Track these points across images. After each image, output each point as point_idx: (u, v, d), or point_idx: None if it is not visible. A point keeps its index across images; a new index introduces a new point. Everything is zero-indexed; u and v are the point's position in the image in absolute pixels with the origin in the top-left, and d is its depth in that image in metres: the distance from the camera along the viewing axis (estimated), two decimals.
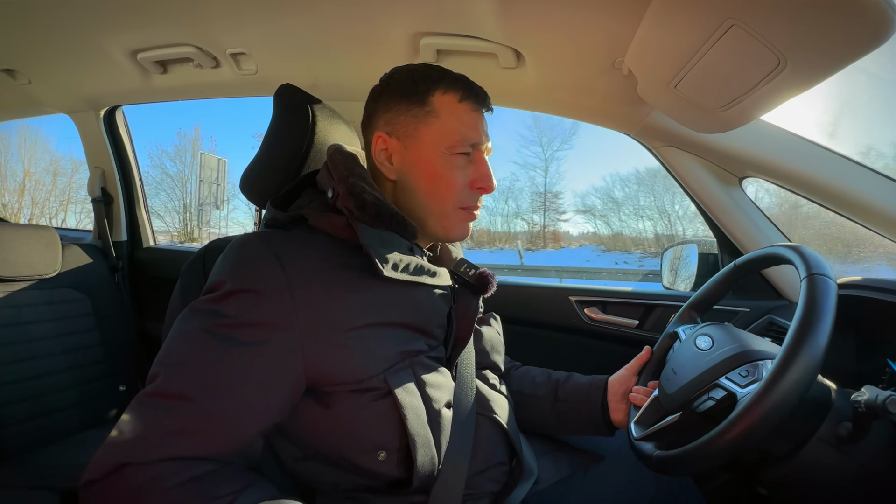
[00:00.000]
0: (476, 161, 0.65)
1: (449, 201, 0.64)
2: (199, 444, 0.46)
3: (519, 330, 1.23)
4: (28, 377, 1.20)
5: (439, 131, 0.63)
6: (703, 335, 0.64)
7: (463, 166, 0.64)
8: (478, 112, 0.65)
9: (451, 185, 0.63)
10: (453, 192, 0.64)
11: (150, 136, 7.70)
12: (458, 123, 0.63)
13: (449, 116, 0.63)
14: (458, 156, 0.63)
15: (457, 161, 0.63)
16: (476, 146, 0.64)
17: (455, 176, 0.63)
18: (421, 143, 0.63)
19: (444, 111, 0.63)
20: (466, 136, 0.63)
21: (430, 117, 0.63)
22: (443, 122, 0.63)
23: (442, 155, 0.63)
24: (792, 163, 0.91)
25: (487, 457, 0.64)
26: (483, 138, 0.65)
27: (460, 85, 0.64)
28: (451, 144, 0.63)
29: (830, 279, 0.51)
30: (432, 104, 0.63)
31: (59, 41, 1.10)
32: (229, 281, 0.52)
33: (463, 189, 0.64)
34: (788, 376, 0.46)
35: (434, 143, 0.63)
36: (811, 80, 0.58)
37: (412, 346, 0.59)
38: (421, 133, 0.63)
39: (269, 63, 1.10)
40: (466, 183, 0.64)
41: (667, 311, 1.11)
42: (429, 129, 0.63)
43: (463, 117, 0.63)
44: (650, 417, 0.66)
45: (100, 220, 1.60)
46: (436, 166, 0.63)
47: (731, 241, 1.05)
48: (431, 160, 0.63)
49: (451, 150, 0.63)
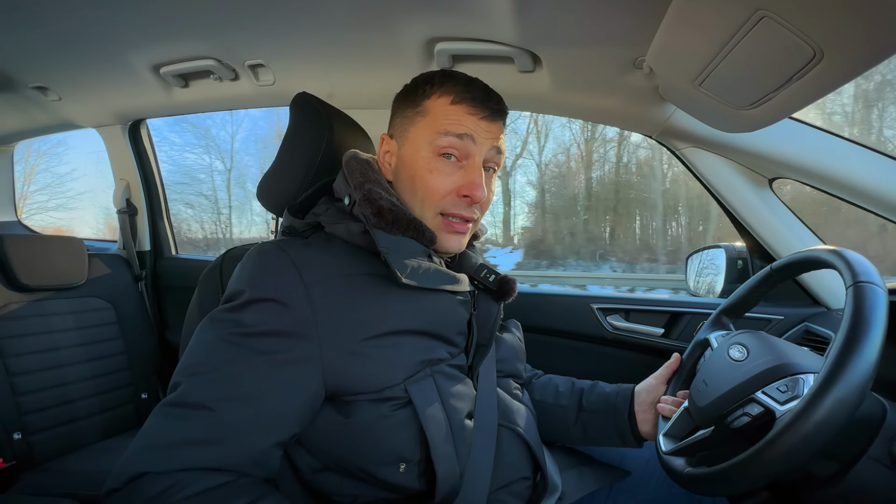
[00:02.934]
0: (468, 167, 0.61)
1: (429, 207, 0.61)
2: (217, 454, 0.46)
3: (539, 338, 1.20)
4: (53, 385, 1.22)
5: (424, 129, 0.60)
6: (737, 344, 0.60)
7: (450, 172, 0.60)
8: (475, 116, 0.60)
9: (430, 188, 0.60)
10: (433, 197, 0.60)
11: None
12: (444, 119, 0.59)
13: (436, 115, 0.60)
14: (442, 158, 0.59)
15: (440, 164, 0.59)
16: (465, 140, 0.59)
17: (434, 179, 0.59)
18: (409, 144, 0.62)
19: (433, 111, 0.61)
20: (450, 129, 0.58)
21: (419, 116, 0.61)
22: (428, 122, 0.60)
23: (425, 155, 0.60)
24: (827, 162, 0.86)
25: (510, 471, 0.62)
26: (479, 140, 0.60)
27: (459, 88, 0.61)
28: (432, 141, 0.59)
29: (880, 287, 0.47)
30: (424, 105, 0.61)
31: (88, 58, 1.14)
32: (248, 290, 0.52)
33: (446, 195, 0.60)
34: (833, 394, 0.42)
35: (419, 143, 0.61)
36: (849, 73, 0.54)
37: (433, 354, 0.57)
38: (409, 133, 0.62)
39: (286, 73, 1.12)
40: (451, 189, 0.60)
41: (694, 319, 1.06)
42: (415, 128, 0.61)
43: (452, 116, 0.59)
44: (680, 430, 0.63)
45: (124, 230, 1.64)
46: (417, 167, 0.60)
47: (763, 245, 1.01)
48: (415, 160, 0.61)
49: (433, 150, 0.59)
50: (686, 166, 1.05)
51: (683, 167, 1.06)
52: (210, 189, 5.78)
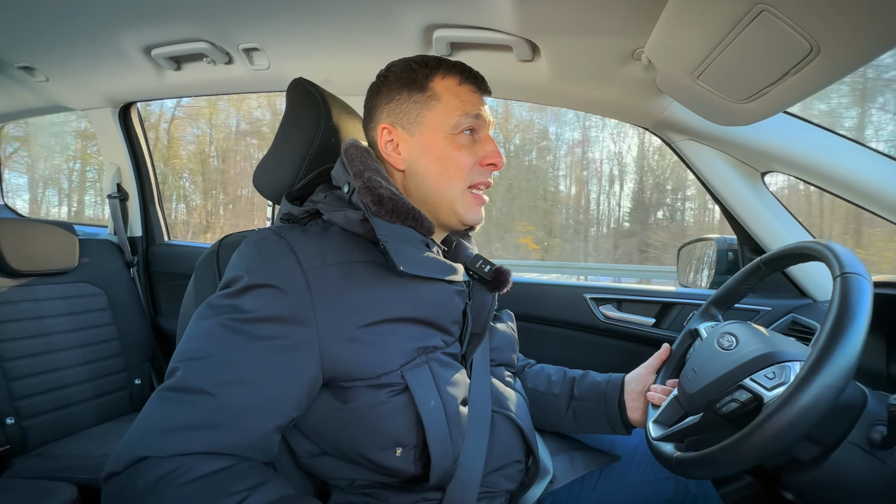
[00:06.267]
0: (482, 140, 0.66)
1: (459, 182, 0.64)
2: (217, 438, 0.47)
3: (533, 328, 1.22)
4: (46, 370, 1.22)
5: (442, 113, 0.63)
6: (726, 333, 0.62)
7: (469, 145, 0.64)
8: (477, 94, 0.66)
9: (459, 164, 0.63)
10: (463, 172, 0.63)
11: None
12: (460, 101, 0.64)
13: (450, 98, 0.64)
14: (462, 135, 0.64)
15: (462, 140, 0.64)
16: (479, 118, 0.64)
17: (462, 155, 0.63)
18: (426, 128, 0.63)
19: (446, 93, 0.64)
20: (468, 110, 0.64)
21: (433, 101, 0.63)
22: (445, 104, 0.63)
23: (447, 136, 0.63)
24: (818, 157, 0.88)
25: (503, 455, 0.63)
26: (485, 115, 0.66)
27: (458, 69, 0.65)
28: (455, 123, 0.63)
29: (865, 278, 0.49)
30: (433, 89, 0.64)
31: (76, 37, 1.11)
32: (246, 276, 0.52)
33: (472, 168, 0.64)
34: (819, 380, 0.43)
35: (439, 126, 0.63)
36: (845, 68, 0.55)
37: (428, 342, 0.58)
38: (425, 118, 0.63)
39: (281, 58, 1.10)
40: (475, 161, 0.64)
41: (684, 309, 1.09)
42: (432, 112, 0.63)
43: (464, 97, 0.64)
44: (669, 417, 0.64)
45: (115, 215, 1.62)
46: (443, 148, 0.63)
47: (753, 237, 1.02)
48: (438, 143, 0.63)
49: (455, 129, 0.63)
50: (681, 158, 1.06)
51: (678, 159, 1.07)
52: None
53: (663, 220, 5.66)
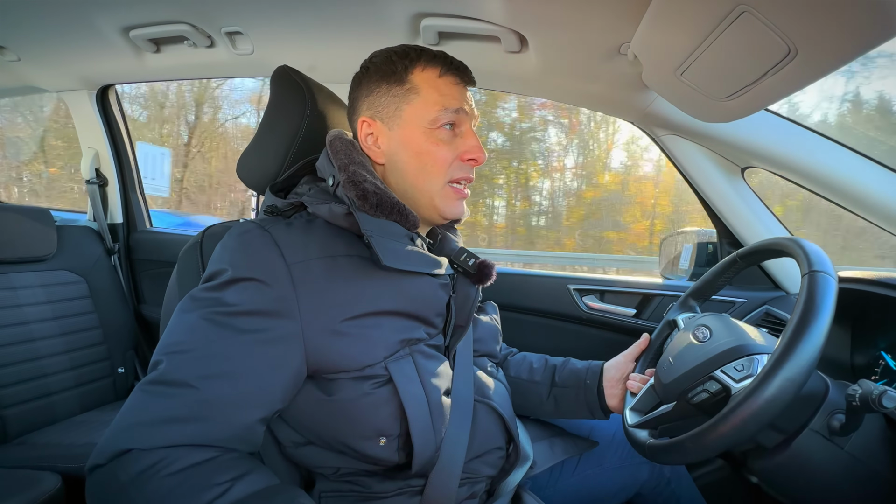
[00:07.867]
0: (463, 134, 0.65)
1: (439, 177, 0.63)
2: (201, 431, 0.47)
3: (517, 317, 1.24)
4: (26, 359, 1.20)
5: (421, 107, 0.62)
6: (702, 325, 0.64)
7: (448, 140, 0.63)
8: (460, 86, 0.65)
9: (438, 159, 0.63)
10: (442, 167, 0.63)
11: None
12: (439, 95, 0.63)
13: (430, 91, 0.62)
14: (441, 129, 0.63)
15: (441, 135, 0.63)
16: (459, 113, 0.63)
17: (441, 150, 0.63)
18: (405, 122, 0.63)
19: (425, 87, 0.63)
20: (447, 105, 0.62)
21: (411, 94, 0.62)
22: (424, 98, 0.62)
23: (426, 130, 0.62)
24: (796, 154, 0.90)
25: (485, 442, 0.65)
26: (467, 108, 0.64)
27: (439, 60, 0.64)
28: (434, 118, 0.62)
29: (831, 276, 0.51)
30: (412, 81, 0.63)
31: (49, 15, 1.06)
32: (230, 269, 0.52)
33: (452, 163, 0.64)
34: (782, 374, 0.46)
35: (417, 120, 0.62)
36: (821, 70, 0.57)
37: (412, 334, 0.59)
38: (404, 112, 0.63)
39: (265, 43, 1.07)
40: (455, 156, 0.64)
41: (664, 300, 1.11)
42: (410, 106, 0.62)
43: (444, 90, 0.63)
44: (645, 405, 0.67)
45: (94, 201, 1.58)
46: (422, 143, 0.62)
47: (732, 231, 1.05)
48: (416, 137, 0.62)
49: (434, 124, 0.62)
50: (664, 152, 1.08)
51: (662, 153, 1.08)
52: None
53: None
